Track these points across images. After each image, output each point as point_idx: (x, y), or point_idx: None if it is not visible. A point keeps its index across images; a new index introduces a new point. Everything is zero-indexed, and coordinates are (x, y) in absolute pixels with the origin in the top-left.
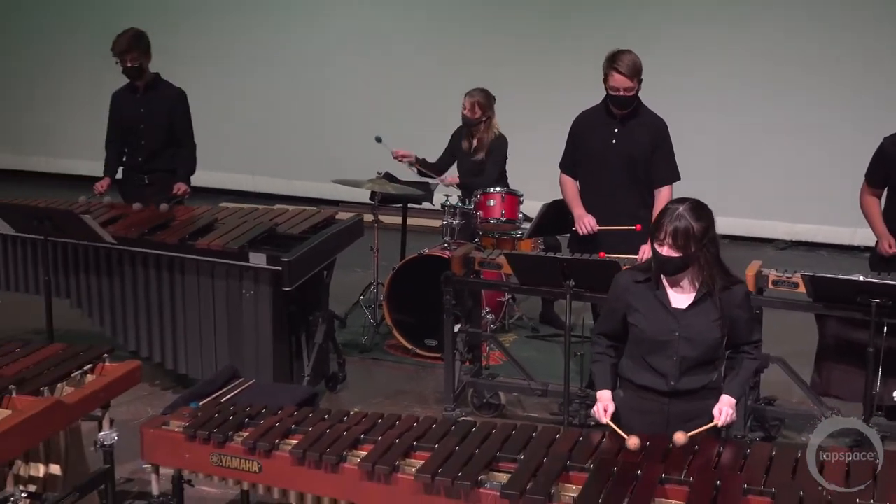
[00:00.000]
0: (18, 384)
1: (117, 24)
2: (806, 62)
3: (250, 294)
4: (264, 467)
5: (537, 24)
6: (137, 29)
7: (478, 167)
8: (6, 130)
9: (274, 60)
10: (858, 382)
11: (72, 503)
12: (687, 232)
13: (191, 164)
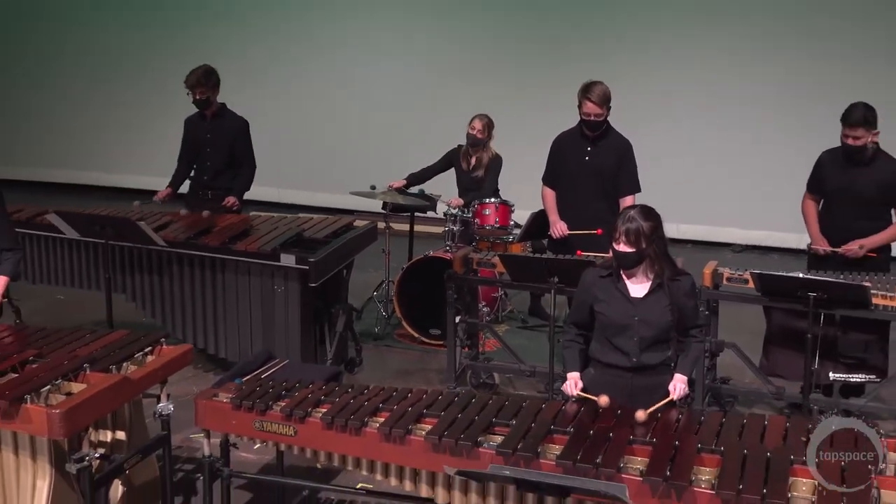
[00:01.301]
0: (91, 363)
1: (165, 55)
2: (758, 93)
3: (281, 289)
4: (299, 431)
5: (530, 64)
6: (209, 66)
7: (476, 183)
8: (69, 150)
9: (300, 88)
10: (799, 364)
11: (134, 464)
12: (638, 231)
13: (247, 183)
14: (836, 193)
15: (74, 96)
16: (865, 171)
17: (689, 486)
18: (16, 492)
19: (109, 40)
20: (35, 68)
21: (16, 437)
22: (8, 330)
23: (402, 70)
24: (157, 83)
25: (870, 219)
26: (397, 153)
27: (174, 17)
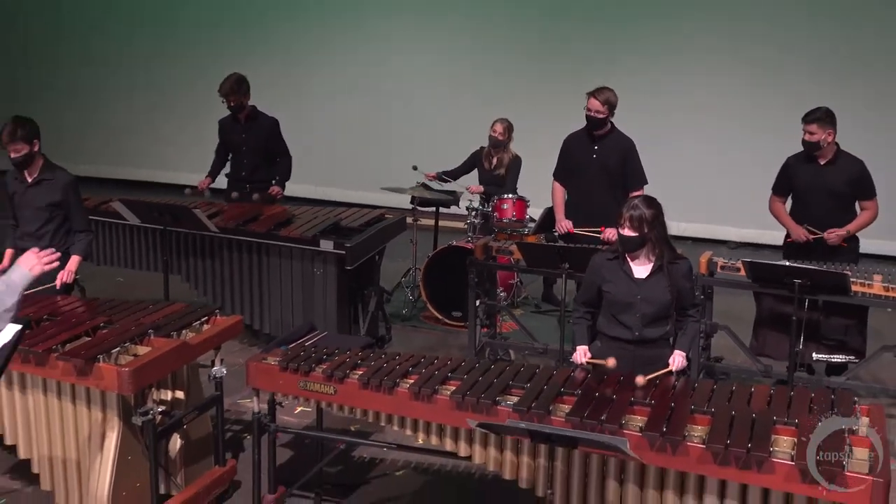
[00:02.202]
0: (155, 329)
1: (212, 62)
2: (754, 104)
3: (320, 272)
4: (338, 391)
5: (548, 72)
6: (239, 74)
7: (497, 181)
8: (126, 149)
9: (334, 91)
10: (786, 345)
11: (191, 419)
12: (641, 217)
13: (287, 172)
14: (808, 190)
15: (133, 100)
16: (833, 169)
17: (683, 440)
18: (88, 441)
19: (164, 50)
20: (98, 75)
21: (89, 392)
22: (81, 301)
23: (429, 74)
24: (206, 88)
25: (841, 210)
26: (425, 152)
27: (219, 29)
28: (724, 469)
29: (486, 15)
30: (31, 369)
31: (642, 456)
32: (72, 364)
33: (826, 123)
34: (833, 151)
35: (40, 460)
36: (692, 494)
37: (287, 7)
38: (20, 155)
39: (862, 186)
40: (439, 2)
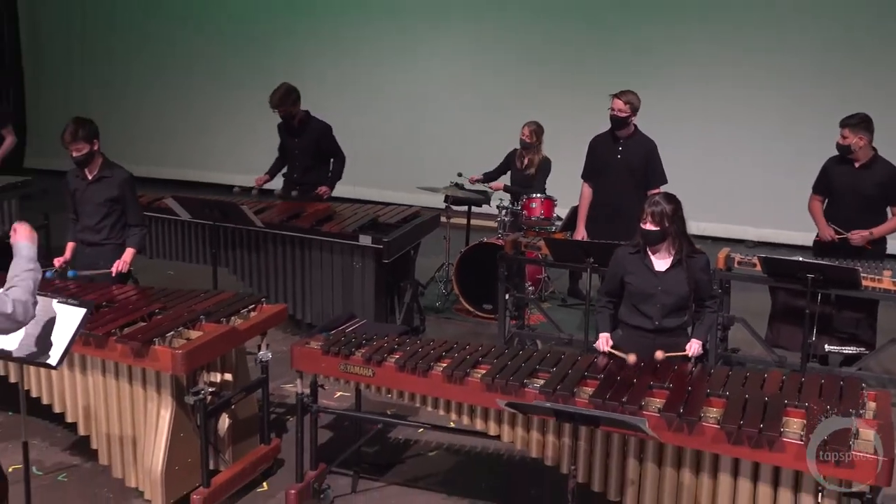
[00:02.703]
0: (206, 315)
1: (259, 67)
2: (771, 108)
3: (359, 265)
4: (376, 373)
5: (576, 76)
6: (288, 85)
7: (528, 180)
8: (175, 150)
9: (373, 96)
10: (800, 337)
11: (239, 400)
12: (662, 213)
13: (338, 174)
14: (842, 192)
15: (183, 103)
16: (867, 174)
17: (699, 421)
18: (143, 419)
19: (213, 54)
20: (148, 80)
21: (144, 373)
22: (137, 290)
23: (465, 79)
24: (255, 91)
25: (871, 212)
26: (459, 153)
27: (268, 34)
28: (738, 448)
29: (517, 26)
30: (92, 351)
31: (660, 435)
32: (129, 347)
33: (859, 129)
34: (869, 156)
35: (98, 437)
36: (707, 472)
37: (334, 15)
38: (81, 154)
39: (893, 191)
40: (476, 14)
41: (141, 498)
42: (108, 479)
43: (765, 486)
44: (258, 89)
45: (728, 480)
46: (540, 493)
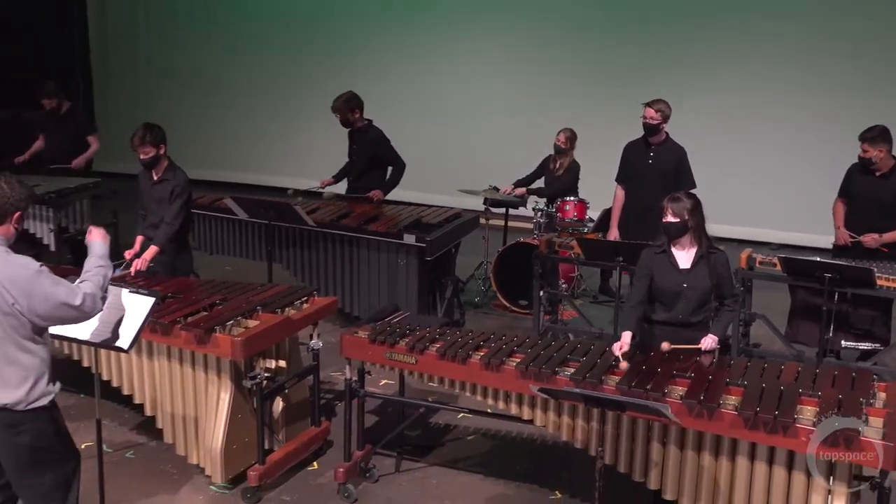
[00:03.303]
0: (263, 306)
1: (316, 75)
2: (794, 117)
3: (403, 262)
4: (419, 361)
5: (609, 87)
6: (352, 93)
7: (556, 182)
8: (234, 155)
9: (417, 105)
10: (817, 333)
11: (292, 385)
12: (682, 206)
13: (395, 180)
14: (862, 199)
15: (241, 110)
16: (886, 183)
17: (718, 407)
18: (204, 401)
19: (270, 66)
20: (210, 88)
21: (206, 359)
22: (199, 282)
23: (503, 90)
24: (310, 98)
25: (887, 219)
26: (497, 158)
27: (323, 47)
28: (754, 433)
29: (552, 41)
30: (158, 338)
31: (682, 420)
32: (193, 334)
33: (878, 141)
34: (889, 165)
35: (163, 417)
36: (726, 456)
37: (389, 28)
38: (148, 157)
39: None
40: (514, 30)
41: (202, 474)
42: (171, 457)
43: (780, 468)
44: (313, 98)
45: (745, 464)
46: (570, 474)
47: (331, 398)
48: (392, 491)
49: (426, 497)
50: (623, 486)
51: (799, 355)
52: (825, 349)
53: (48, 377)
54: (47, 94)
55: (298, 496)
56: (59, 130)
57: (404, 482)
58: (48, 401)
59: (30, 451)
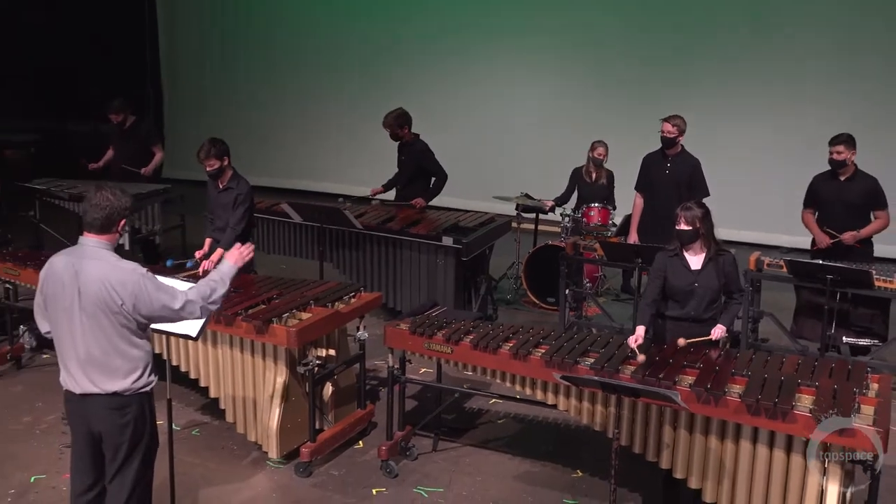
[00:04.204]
0: (315, 300)
1: (369, 91)
2: (805, 135)
3: (442, 262)
4: (454, 351)
5: (635, 102)
6: (402, 110)
7: (603, 192)
8: (291, 163)
9: (456, 118)
10: (820, 329)
11: (340, 371)
12: (693, 215)
13: (437, 189)
14: (832, 202)
15: (298, 123)
16: (851, 185)
17: (724, 395)
18: (262, 385)
19: (327, 82)
20: (271, 102)
21: (264, 347)
22: (258, 279)
23: (533, 107)
24: (363, 112)
25: (857, 218)
26: (528, 168)
27: (376, 64)
28: (756, 418)
29: (578, 63)
30: (221, 328)
31: (691, 406)
32: (252, 325)
33: (850, 145)
34: (852, 170)
35: (225, 399)
36: (731, 439)
37: (434, 49)
38: (213, 168)
39: (875, 199)
40: (544, 54)
41: (259, 450)
42: (233, 435)
43: (779, 451)
44: (365, 112)
45: (748, 446)
46: (589, 454)
47: (375, 384)
48: (429, 468)
49: (460, 474)
50: (637, 466)
51: (803, 350)
52: (827, 344)
53: (150, 368)
54: (114, 109)
55: (345, 471)
56: (125, 142)
57: (440, 460)
58: (149, 388)
59: (132, 431)
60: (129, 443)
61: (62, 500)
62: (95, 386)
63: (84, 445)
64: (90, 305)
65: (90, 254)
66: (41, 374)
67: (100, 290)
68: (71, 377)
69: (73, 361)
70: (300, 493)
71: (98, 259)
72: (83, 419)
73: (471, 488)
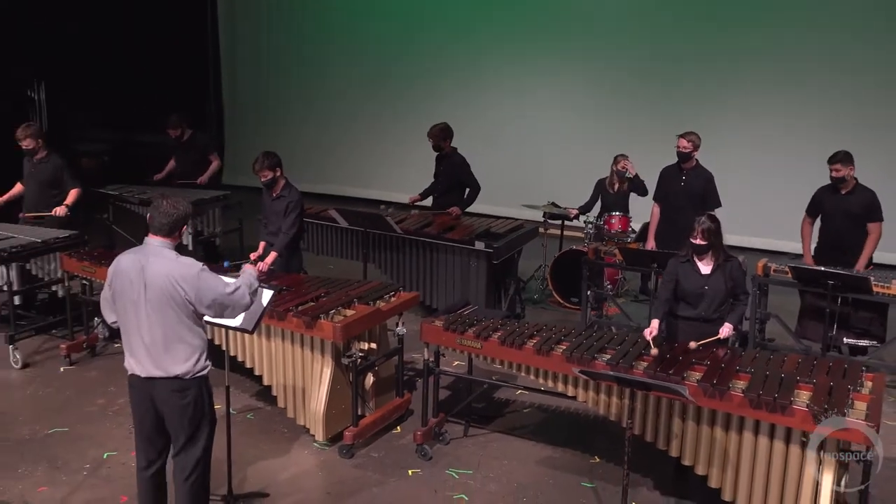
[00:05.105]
0: (359, 299)
1: (412, 105)
2: (814, 146)
3: (475, 265)
4: (483, 346)
5: (654, 116)
6: (446, 124)
7: (623, 199)
8: (339, 171)
9: (489, 129)
10: (822, 330)
11: (381, 363)
12: (709, 229)
13: (471, 200)
14: (833, 214)
15: (347, 134)
16: (851, 198)
17: (728, 390)
18: (310, 374)
19: (373, 95)
20: (321, 114)
21: (312, 340)
22: (308, 278)
23: (559, 122)
24: (403, 125)
25: (856, 228)
26: (554, 178)
27: (420, 79)
28: (757, 412)
29: (602, 84)
30: (274, 322)
31: (697, 400)
32: (302, 320)
33: (847, 162)
34: (853, 184)
35: (277, 387)
36: (734, 430)
37: (470, 64)
38: (266, 179)
39: (871, 211)
40: (570, 74)
41: (307, 433)
42: (283, 419)
43: (779, 442)
44: (408, 125)
45: (750, 437)
46: (605, 441)
47: (412, 375)
48: (460, 452)
49: (488, 458)
50: (649, 453)
51: (807, 349)
52: (829, 345)
53: (206, 354)
54: (171, 125)
55: (384, 453)
56: (184, 154)
57: (470, 445)
58: (206, 372)
59: (192, 411)
60: (191, 421)
61: (131, 474)
62: (159, 369)
63: (148, 425)
64: (155, 298)
65: (154, 252)
66: (113, 361)
67: (165, 284)
68: (138, 362)
69: (140, 348)
70: (343, 472)
71: (162, 257)
72: (148, 401)
73: (497, 471)
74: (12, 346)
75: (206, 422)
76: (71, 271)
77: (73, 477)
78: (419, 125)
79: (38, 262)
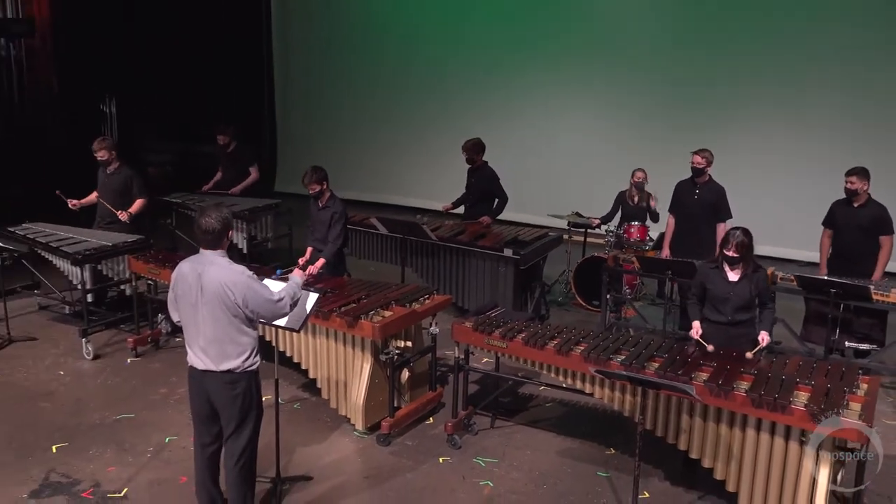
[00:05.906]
0: (396, 301)
1: (447, 117)
2: (824, 158)
3: (503, 270)
4: (509, 346)
5: (670, 134)
6: (479, 139)
7: (643, 210)
8: (378, 179)
9: (514, 141)
10: (825, 335)
11: (416, 360)
12: (742, 243)
13: (499, 210)
14: (846, 226)
15: (388, 146)
16: (863, 211)
17: (732, 390)
18: (351, 369)
19: (415, 108)
20: (369, 127)
21: (353, 338)
22: (350, 281)
23: (584, 136)
24: (441, 138)
25: (868, 240)
26: (579, 189)
27: (459, 95)
28: (759, 411)
29: (624, 101)
30: (319, 322)
31: (704, 399)
32: (344, 320)
33: (862, 176)
34: (865, 198)
35: (321, 379)
36: (738, 427)
37: (498, 82)
38: (314, 191)
39: (882, 224)
40: (594, 93)
41: (348, 422)
42: (326, 409)
43: (779, 439)
44: (444, 138)
45: (753, 434)
46: (620, 435)
47: (444, 370)
48: (487, 442)
49: (512, 448)
50: (659, 447)
51: (811, 352)
52: (832, 348)
53: (256, 351)
54: (220, 129)
55: (418, 442)
56: (229, 165)
57: (496, 435)
58: (255, 367)
59: (242, 402)
60: (240, 411)
61: (189, 457)
62: (213, 364)
63: (204, 413)
64: (210, 301)
65: (209, 260)
66: (175, 354)
67: (218, 289)
68: (196, 357)
69: (197, 345)
70: (380, 458)
71: (215, 265)
72: (203, 391)
73: (521, 460)
74: (85, 339)
75: (254, 412)
76: (138, 272)
77: (139, 459)
78: (454, 140)
79: (109, 264)
